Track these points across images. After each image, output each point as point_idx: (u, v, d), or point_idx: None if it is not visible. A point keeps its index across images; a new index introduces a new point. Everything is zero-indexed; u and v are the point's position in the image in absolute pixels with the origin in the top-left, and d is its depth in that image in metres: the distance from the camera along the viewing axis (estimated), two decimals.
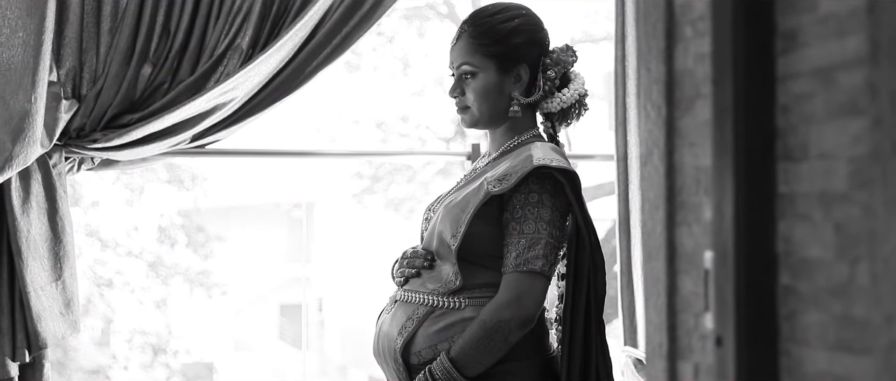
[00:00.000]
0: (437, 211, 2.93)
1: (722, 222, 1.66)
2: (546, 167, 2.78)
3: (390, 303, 2.97)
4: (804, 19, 1.57)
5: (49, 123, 3.37)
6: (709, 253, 1.74)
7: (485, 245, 2.81)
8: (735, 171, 1.63)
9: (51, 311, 3.40)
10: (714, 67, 1.70)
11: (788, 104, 1.61)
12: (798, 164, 1.59)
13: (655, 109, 1.97)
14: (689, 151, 1.87)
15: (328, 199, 15.97)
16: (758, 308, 1.62)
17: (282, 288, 17.22)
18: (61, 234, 3.44)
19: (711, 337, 1.74)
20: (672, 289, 1.93)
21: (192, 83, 3.49)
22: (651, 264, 1.99)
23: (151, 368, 12.44)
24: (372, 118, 13.14)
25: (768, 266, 1.63)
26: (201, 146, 3.66)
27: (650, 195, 2.00)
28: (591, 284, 2.85)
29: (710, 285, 1.72)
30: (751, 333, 1.62)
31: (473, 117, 2.94)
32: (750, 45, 1.62)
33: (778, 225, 1.63)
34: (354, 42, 3.65)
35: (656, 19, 1.97)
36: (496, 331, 2.72)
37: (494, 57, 2.88)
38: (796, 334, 1.59)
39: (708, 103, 1.77)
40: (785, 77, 1.61)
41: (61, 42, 3.44)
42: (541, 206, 2.78)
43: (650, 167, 2.00)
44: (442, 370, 2.75)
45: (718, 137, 1.67)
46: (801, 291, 1.58)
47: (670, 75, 1.93)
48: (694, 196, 1.86)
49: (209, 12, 3.53)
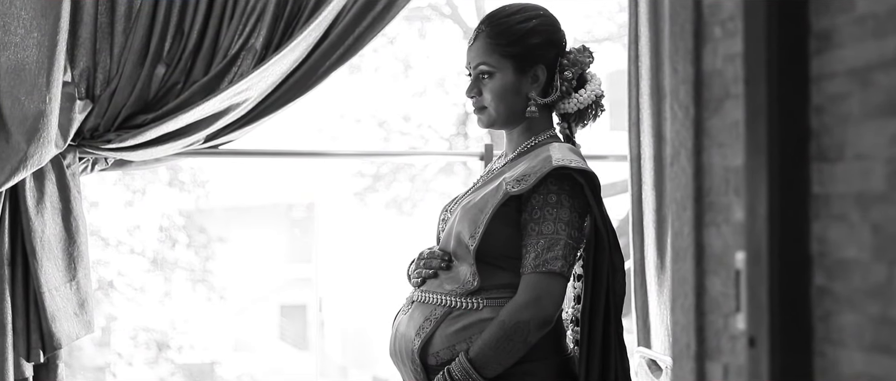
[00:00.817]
0: (455, 212, 2.92)
1: (755, 223, 1.66)
2: (565, 168, 2.77)
3: (407, 304, 2.97)
4: (839, 20, 1.57)
5: (63, 123, 3.37)
6: (740, 254, 1.74)
7: (503, 246, 2.81)
8: (769, 171, 1.62)
9: (65, 311, 3.40)
10: (746, 68, 1.70)
11: (823, 105, 1.61)
12: (833, 164, 1.59)
13: (683, 110, 1.97)
14: (718, 152, 1.87)
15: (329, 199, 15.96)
16: (792, 309, 1.62)
17: (282, 289, 17.22)
18: (75, 234, 3.44)
19: (742, 338, 1.74)
20: (700, 290, 1.92)
21: (205, 84, 3.49)
22: (678, 264, 1.99)
23: (156, 364, 12.45)
24: (374, 118, 13.13)
25: (802, 267, 1.62)
26: (214, 147, 3.65)
27: (677, 196, 2.00)
28: (610, 285, 2.85)
29: (742, 285, 1.72)
30: (784, 334, 1.61)
31: (490, 118, 2.93)
32: (783, 45, 1.62)
33: (812, 226, 1.63)
34: (367, 43, 3.65)
35: (684, 20, 1.97)
36: (515, 332, 2.72)
37: (512, 57, 2.88)
38: (831, 335, 1.59)
39: (738, 104, 1.77)
40: (819, 77, 1.61)
41: (75, 42, 3.43)
42: (559, 207, 2.78)
43: (677, 168, 2.00)
44: (461, 370, 2.74)
45: (751, 138, 1.67)
46: (836, 292, 1.58)
47: (698, 76, 1.93)
48: (723, 197, 1.86)
49: (223, 13, 3.53)
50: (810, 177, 1.63)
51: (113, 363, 12.46)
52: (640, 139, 3.81)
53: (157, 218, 12.28)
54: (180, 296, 12.96)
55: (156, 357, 12.63)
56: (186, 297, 13.01)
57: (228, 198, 15.16)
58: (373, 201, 13.58)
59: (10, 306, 3.34)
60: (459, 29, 12.23)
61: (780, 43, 1.62)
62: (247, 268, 15.91)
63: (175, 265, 12.31)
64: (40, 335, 3.37)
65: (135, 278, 12.05)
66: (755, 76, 1.65)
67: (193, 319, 13.52)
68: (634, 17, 3.82)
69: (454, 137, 12.37)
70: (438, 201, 13.55)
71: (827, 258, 1.60)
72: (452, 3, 12.15)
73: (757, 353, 1.65)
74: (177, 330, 12.79)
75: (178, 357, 13.02)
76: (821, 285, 1.61)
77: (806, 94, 1.62)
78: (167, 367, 12.86)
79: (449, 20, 12.40)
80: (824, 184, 1.61)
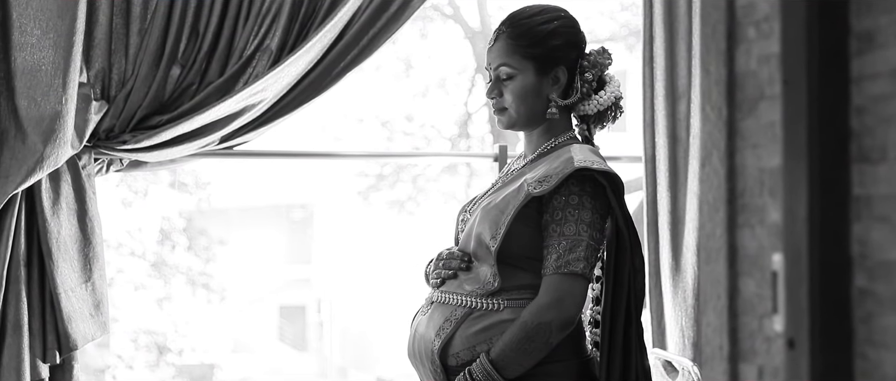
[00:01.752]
0: (474, 213, 2.92)
1: (794, 225, 1.66)
2: (588, 169, 2.77)
3: (426, 304, 2.96)
4: (882, 21, 1.56)
5: (79, 124, 3.36)
6: (777, 256, 1.74)
7: (523, 247, 2.81)
8: (809, 173, 1.62)
9: (81, 312, 3.39)
10: (785, 69, 1.69)
11: (865, 106, 1.60)
12: (875, 166, 1.58)
13: (715, 111, 1.97)
14: (752, 153, 1.87)
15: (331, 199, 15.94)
16: (832, 311, 1.61)
17: (281, 290, 17.20)
18: (91, 235, 3.44)
19: (778, 339, 1.74)
20: (733, 291, 1.92)
21: (221, 85, 3.48)
22: (710, 266, 1.99)
23: (157, 367, 12.43)
24: (377, 118, 13.13)
25: (842, 268, 1.62)
26: (229, 148, 3.65)
27: (709, 197, 1.99)
28: (631, 286, 2.84)
29: (780, 287, 1.71)
30: (825, 335, 1.61)
31: (511, 119, 2.92)
32: (824, 45, 1.61)
33: (853, 227, 1.62)
34: (382, 44, 3.65)
35: (716, 21, 1.96)
36: (537, 333, 2.72)
37: (533, 58, 2.88)
38: (874, 336, 1.58)
39: (774, 105, 1.77)
40: (860, 78, 1.61)
41: (91, 43, 3.43)
42: (581, 208, 2.77)
43: (709, 169, 2.00)
44: (482, 371, 2.74)
45: (790, 139, 1.67)
46: (878, 293, 1.58)
47: (731, 77, 1.92)
48: (758, 198, 1.85)
49: (238, 14, 3.52)
50: (851, 178, 1.63)
51: (113, 366, 12.43)
52: (655, 140, 3.81)
53: (158, 220, 12.27)
54: (180, 298, 12.94)
55: (157, 360, 12.62)
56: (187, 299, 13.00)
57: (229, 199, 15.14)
58: (375, 201, 13.59)
59: (27, 307, 3.34)
60: (461, 29, 12.23)
61: (820, 44, 1.61)
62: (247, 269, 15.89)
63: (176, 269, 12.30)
64: (56, 336, 3.36)
65: (136, 280, 12.03)
66: (795, 77, 1.65)
67: (193, 321, 13.51)
68: (649, 18, 3.82)
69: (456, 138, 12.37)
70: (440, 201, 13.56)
71: (868, 260, 1.60)
72: (454, 3, 12.16)
73: (796, 355, 1.65)
74: (178, 333, 12.78)
75: (179, 360, 13.00)
76: (862, 287, 1.61)
77: (847, 95, 1.62)
78: (167, 370, 12.85)
79: (451, 20, 12.40)
80: (866, 185, 1.60)
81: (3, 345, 3.31)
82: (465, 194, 13.15)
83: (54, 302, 3.34)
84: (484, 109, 12.33)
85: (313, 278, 16.81)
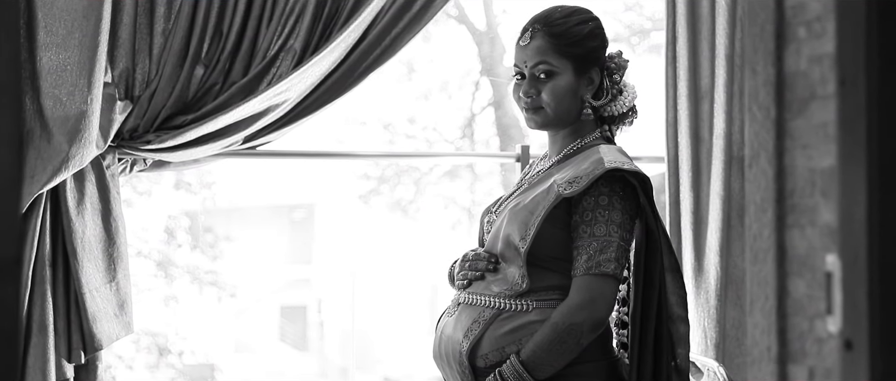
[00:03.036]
0: (502, 214, 2.91)
1: (851, 226, 1.65)
2: (619, 170, 2.77)
3: (453, 306, 2.95)
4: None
5: (104, 124, 3.36)
6: (831, 256, 1.73)
7: (552, 248, 2.80)
8: (867, 173, 1.61)
9: (105, 312, 3.39)
10: (841, 68, 1.68)
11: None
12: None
13: (763, 112, 1.96)
14: (803, 154, 1.86)
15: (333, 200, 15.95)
16: (892, 312, 1.61)
17: (283, 290, 17.19)
18: (115, 235, 3.43)
19: (831, 341, 1.73)
20: (782, 292, 1.91)
21: (244, 85, 3.48)
22: (758, 266, 1.98)
23: (157, 368, 12.40)
24: (379, 120, 13.10)
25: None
26: (252, 148, 3.64)
27: (756, 198, 1.99)
28: (661, 286, 2.84)
29: (836, 288, 1.71)
30: (885, 337, 1.60)
31: (546, 118, 2.91)
32: (884, 44, 1.61)
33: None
34: (405, 44, 3.66)
35: (764, 21, 1.96)
36: (569, 334, 2.72)
37: (572, 58, 2.87)
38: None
39: (826, 105, 1.76)
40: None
41: (115, 43, 3.42)
42: (611, 209, 2.77)
43: (757, 170, 1.99)
44: (512, 372, 2.74)
45: (847, 140, 1.66)
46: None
47: (780, 77, 1.92)
48: (808, 198, 1.85)
49: (261, 14, 3.52)
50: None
51: (113, 366, 12.38)
52: (678, 140, 3.82)
53: (162, 219, 12.25)
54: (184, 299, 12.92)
55: (157, 362, 12.59)
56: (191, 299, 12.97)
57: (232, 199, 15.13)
58: (376, 204, 13.57)
59: (52, 307, 3.34)
60: (467, 30, 12.22)
61: (880, 43, 1.60)
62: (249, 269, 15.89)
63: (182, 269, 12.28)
64: (81, 336, 3.36)
65: (140, 281, 12.00)
66: (853, 77, 1.64)
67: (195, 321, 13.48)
68: (671, 18, 3.83)
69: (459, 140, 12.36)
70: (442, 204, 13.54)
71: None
72: (459, 4, 12.14)
73: (855, 356, 1.64)
74: (179, 335, 12.75)
75: (180, 361, 12.97)
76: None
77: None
78: (168, 371, 12.82)
79: (453, 21, 12.38)
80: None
81: (28, 345, 3.31)
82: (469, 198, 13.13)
83: (79, 302, 3.34)
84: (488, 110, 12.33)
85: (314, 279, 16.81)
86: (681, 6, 3.78)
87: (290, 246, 17.48)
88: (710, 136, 3.80)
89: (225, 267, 12.90)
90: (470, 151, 9.09)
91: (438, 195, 13.51)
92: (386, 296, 15.51)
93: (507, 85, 10.06)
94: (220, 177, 13.51)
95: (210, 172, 12.34)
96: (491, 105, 11.86)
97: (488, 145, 12.45)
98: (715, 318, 3.76)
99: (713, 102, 3.78)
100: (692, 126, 3.77)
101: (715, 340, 3.76)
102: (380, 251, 15.98)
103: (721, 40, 3.74)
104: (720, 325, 3.75)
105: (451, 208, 13.55)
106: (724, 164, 3.73)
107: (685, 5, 3.77)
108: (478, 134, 12.25)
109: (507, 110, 10.16)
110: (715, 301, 3.76)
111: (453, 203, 13.97)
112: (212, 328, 14.90)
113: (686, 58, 3.77)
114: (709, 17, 3.78)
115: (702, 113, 3.80)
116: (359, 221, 15.72)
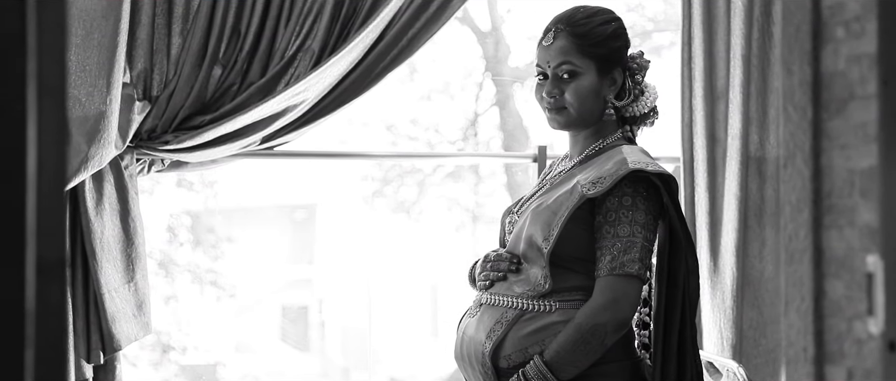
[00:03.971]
0: (523, 215, 2.90)
1: (894, 226, 1.65)
2: (642, 171, 2.76)
3: (474, 306, 2.94)
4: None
5: (122, 124, 3.36)
6: (872, 257, 1.73)
7: (575, 248, 2.79)
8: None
9: (124, 312, 3.38)
10: (883, 69, 1.68)
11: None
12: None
13: (799, 112, 1.96)
14: (841, 154, 1.86)
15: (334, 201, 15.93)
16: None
17: (284, 290, 17.17)
18: (133, 235, 3.43)
19: (871, 341, 1.73)
20: (819, 293, 1.91)
21: (262, 85, 3.47)
22: (793, 267, 1.98)
23: (161, 365, 12.39)
24: (381, 121, 13.09)
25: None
26: (269, 148, 3.64)
27: (792, 198, 1.99)
28: (685, 287, 2.84)
29: (877, 289, 1.70)
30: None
31: (570, 118, 2.90)
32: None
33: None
34: (422, 44, 3.66)
35: (800, 21, 1.96)
36: (593, 334, 2.71)
37: (596, 58, 2.87)
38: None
39: (865, 105, 1.76)
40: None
41: (133, 44, 3.42)
42: (634, 209, 2.76)
43: (792, 170, 1.99)
44: (536, 372, 2.73)
45: (889, 139, 1.66)
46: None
47: (817, 78, 1.91)
48: (847, 199, 1.85)
49: (279, 14, 3.51)
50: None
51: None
52: (693, 141, 3.81)
53: (164, 219, 12.24)
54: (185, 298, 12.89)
55: (160, 359, 12.58)
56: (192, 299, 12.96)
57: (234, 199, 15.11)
58: (379, 205, 13.56)
59: (71, 307, 3.33)
60: (469, 30, 12.22)
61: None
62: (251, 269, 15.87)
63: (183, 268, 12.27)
64: (100, 337, 3.36)
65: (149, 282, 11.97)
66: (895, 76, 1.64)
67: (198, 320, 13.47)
68: (687, 19, 3.82)
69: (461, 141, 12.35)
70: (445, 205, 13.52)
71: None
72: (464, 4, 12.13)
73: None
74: (182, 332, 12.73)
75: (183, 359, 12.96)
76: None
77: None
78: (171, 369, 12.80)
79: (456, 21, 12.37)
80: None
81: None
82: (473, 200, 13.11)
83: (98, 302, 3.34)
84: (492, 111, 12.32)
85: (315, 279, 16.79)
86: (696, 7, 3.77)
87: (291, 246, 17.48)
88: (725, 137, 3.79)
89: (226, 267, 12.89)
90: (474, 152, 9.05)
91: (441, 197, 13.49)
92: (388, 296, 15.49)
93: (511, 85, 10.04)
94: (222, 176, 13.50)
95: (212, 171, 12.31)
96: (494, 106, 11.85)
97: (490, 146, 12.44)
98: (731, 318, 3.75)
99: (729, 103, 3.78)
100: (708, 127, 3.77)
101: (731, 340, 3.76)
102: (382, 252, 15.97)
103: (737, 41, 3.74)
104: (736, 325, 3.75)
105: (454, 209, 13.55)
106: (740, 164, 3.73)
107: (701, 6, 3.77)
108: (481, 135, 12.24)
109: (512, 111, 10.15)
110: (730, 302, 3.76)
111: (456, 204, 13.97)
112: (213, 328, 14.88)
113: (701, 58, 3.77)
114: (724, 17, 3.78)
115: (718, 114, 3.80)
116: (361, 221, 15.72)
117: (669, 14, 8.11)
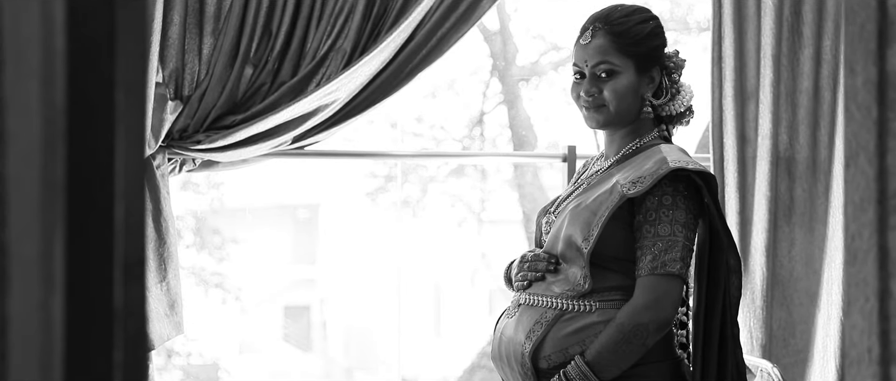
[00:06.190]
0: (561, 215, 2.89)
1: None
2: (683, 170, 2.76)
3: (513, 307, 2.93)
4: None
5: (155, 124, 3.35)
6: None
7: (614, 248, 2.79)
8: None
9: (157, 312, 3.38)
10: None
11: None
12: None
13: (862, 111, 1.95)
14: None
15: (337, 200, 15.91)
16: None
17: (287, 290, 17.15)
18: (165, 235, 3.42)
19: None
20: (884, 293, 1.90)
21: (294, 85, 3.47)
22: (856, 267, 1.97)
23: (165, 370, 12.38)
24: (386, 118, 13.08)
25: None
26: (300, 148, 3.63)
27: (855, 198, 1.98)
28: (726, 286, 2.83)
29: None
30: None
31: (608, 116, 2.89)
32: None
33: None
34: (452, 44, 3.66)
35: (864, 20, 1.94)
36: (635, 334, 2.70)
37: (635, 57, 2.86)
38: None
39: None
40: None
41: (165, 43, 3.41)
42: (675, 208, 2.76)
43: (855, 170, 1.98)
44: (578, 373, 2.72)
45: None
46: None
47: (882, 76, 1.90)
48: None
49: (310, 14, 3.51)
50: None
51: None
52: (723, 141, 3.81)
53: None
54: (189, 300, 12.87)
55: (165, 364, 12.56)
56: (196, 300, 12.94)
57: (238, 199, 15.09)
58: (383, 202, 13.55)
59: None
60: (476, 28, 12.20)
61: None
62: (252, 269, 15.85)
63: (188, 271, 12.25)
64: None
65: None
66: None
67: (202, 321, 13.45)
68: (718, 18, 3.82)
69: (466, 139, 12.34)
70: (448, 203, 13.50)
71: None
72: None
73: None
74: (186, 336, 12.71)
75: (186, 361, 12.95)
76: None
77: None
78: (175, 373, 12.78)
79: None
80: None
81: None
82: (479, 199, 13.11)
83: None
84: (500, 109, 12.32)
85: (318, 279, 16.77)
86: (727, 7, 3.77)
87: (293, 246, 17.47)
88: (755, 136, 3.79)
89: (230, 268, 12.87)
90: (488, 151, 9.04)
91: (445, 194, 13.48)
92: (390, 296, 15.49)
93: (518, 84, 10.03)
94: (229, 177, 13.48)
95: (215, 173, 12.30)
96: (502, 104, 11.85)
97: (496, 144, 12.44)
98: (761, 318, 3.75)
99: (759, 103, 3.77)
100: (738, 127, 3.77)
101: (761, 340, 3.75)
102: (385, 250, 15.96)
103: (767, 41, 3.74)
104: (766, 325, 3.75)
105: (457, 206, 13.54)
106: (770, 164, 3.72)
107: (731, 6, 3.76)
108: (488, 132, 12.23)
109: (520, 110, 10.15)
110: (760, 302, 3.76)
111: (459, 202, 13.96)
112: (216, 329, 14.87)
113: (732, 58, 3.76)
114: (755, 17, 3.78)
115: (748, 114, 3.79)
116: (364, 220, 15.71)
117: (675, 14, 8.11)
